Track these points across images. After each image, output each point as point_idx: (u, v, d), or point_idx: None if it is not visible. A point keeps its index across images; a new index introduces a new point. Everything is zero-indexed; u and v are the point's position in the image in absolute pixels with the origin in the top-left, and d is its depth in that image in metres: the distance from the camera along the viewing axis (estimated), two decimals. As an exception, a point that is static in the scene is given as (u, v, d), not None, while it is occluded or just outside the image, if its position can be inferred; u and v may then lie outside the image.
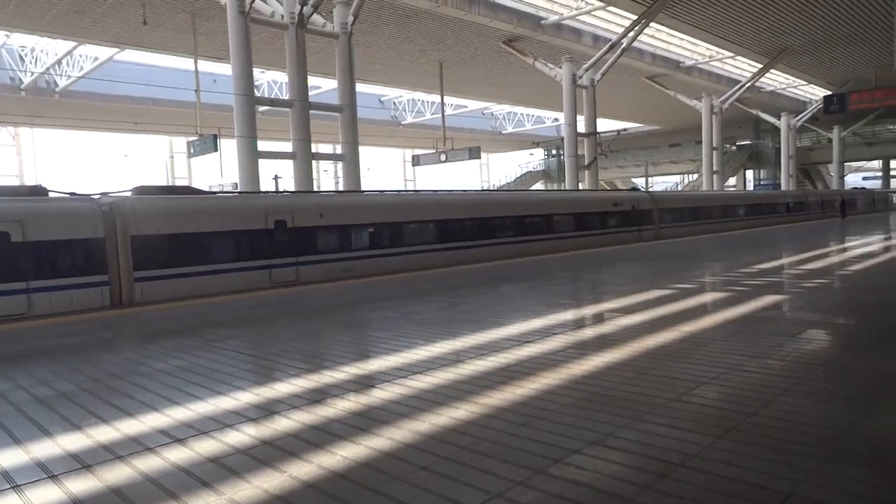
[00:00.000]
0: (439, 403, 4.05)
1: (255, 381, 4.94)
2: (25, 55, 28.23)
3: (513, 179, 59.32)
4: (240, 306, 9.64)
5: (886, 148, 51.53)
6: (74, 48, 26.69)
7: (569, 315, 7.30)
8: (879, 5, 22.39)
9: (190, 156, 22.01)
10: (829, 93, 33.78)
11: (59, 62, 28.01)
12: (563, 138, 28.51)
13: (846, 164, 52.14)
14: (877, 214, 40.17)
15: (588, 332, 6.22)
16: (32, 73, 28.17)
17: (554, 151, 55.16)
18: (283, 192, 12.98)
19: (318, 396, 4.34)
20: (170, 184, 43.86)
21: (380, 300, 9.35)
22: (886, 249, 14.48)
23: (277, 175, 37.69)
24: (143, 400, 4.44)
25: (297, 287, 11.88)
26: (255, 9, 17.09)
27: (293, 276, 12.57)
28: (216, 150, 20.21)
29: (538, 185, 58.38)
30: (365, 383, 4.62)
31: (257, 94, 21.06)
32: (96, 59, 28.04)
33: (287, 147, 18.75)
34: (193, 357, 5.78)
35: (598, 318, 6.98)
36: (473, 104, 44.01)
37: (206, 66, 27.52)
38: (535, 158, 59.31)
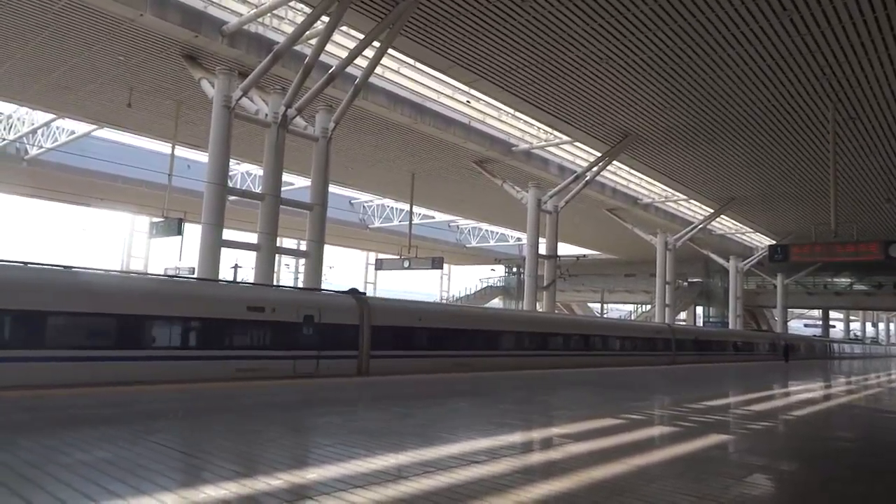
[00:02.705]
0: (377, 523, 3.83)
1: (182, 482, 4.61)
2: (1, 121, 28.24)
3: (472, 293, 59.99)
4: (180, 398, 9.17)
5: (825, 298, 54.40)
6: (53, 120, 26.88)
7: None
8: (817, 170, 24.57)
9: (151, 236, 21.74)
10: (774, 242, 36.04)
11: (34, 131, 28.07)
12: (524, 258, 29.27)
13: (789, 309, 54.57)
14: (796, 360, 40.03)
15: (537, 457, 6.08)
16: (4, 140, 28.04)
17: (514, 269, 56.43)
18: None
19: (248, 505, 4.06)
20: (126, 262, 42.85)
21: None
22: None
23: (238, 264, 37.32)
24: (58, 494, 4.07)
25: (240, 383, 11.41)
26: (241, 105, 17.70)
27: None
28: (180, 233, 20.03)
29: (496, 301, 59.06)
30: (301, 493, 4.36)
31: (230, 184, 21.29)
32: (73, 132, 28.19)
33: (252, 238, 18.73)
34: (119, 449, 5.39)
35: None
36: (441, 216, 45.24)
37: (181, 150, 27.92)
38: (495, 274, 60.44)
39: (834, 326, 76.81)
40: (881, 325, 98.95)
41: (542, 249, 28.35)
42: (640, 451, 6.59)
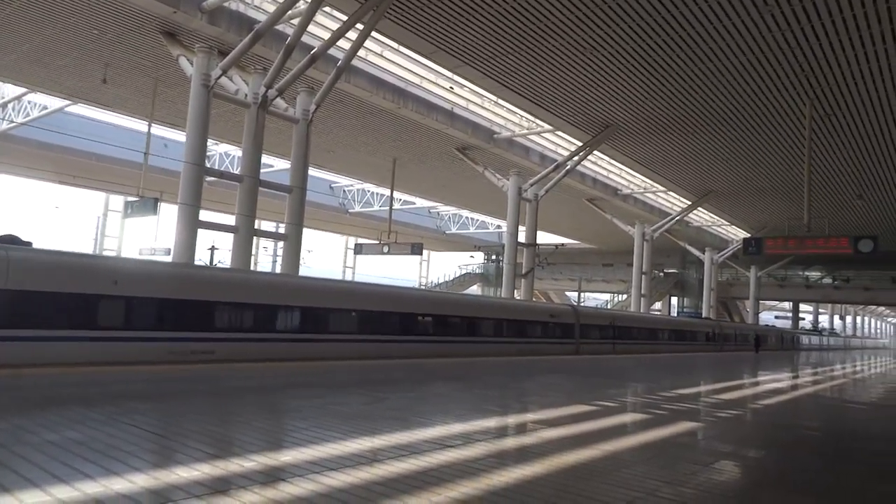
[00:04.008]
0: (351, 505, 3.86)
1: (154, 463, 4.58)
2: (-31, 94, 27.45)
3: (451, 279, 60.18)
4: (154, 378, 9.09)
5: (796, 291, 55.60)
6: (24, 94, 26.18)
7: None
8: (793, 165, 24.99)
9: (126, 216, 21.40)
10: (749, 235, 36.64)
11: (4, 105, 27.33)
12: (503, 245, 29.39)
13: (761, 301, 55.66)
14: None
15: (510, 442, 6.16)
16: (-27, 112, 27.29)
17: (494, 257, 56.66)
18: None
19: (221, 486, 4.06)
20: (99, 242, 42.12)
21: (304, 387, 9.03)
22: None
23: (215, 246, 36.91)
24: (25, 474, 4.03)
25: (220, 364, 11.35)
26: (220, 84, 17.41)
27: None
28: (155, 213, 19.75)
29: (475, 289, 59.33)
30: (275, 475, 4.37)
31: (208, 164, 20.98)
32: (45, 107, 27.50)
33: (230, 220, 18.53)
34: (91, 430, 5.34)
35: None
36: (421, 202, 45.18)
37: (158, 129, 27.44)
38: (475, 261, 60.65)
39: (804, 319, 78.63)
40: (848, 318, 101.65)
41: (522, 237, 28.48)
42: (612, 437, 6.71)
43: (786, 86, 17.43)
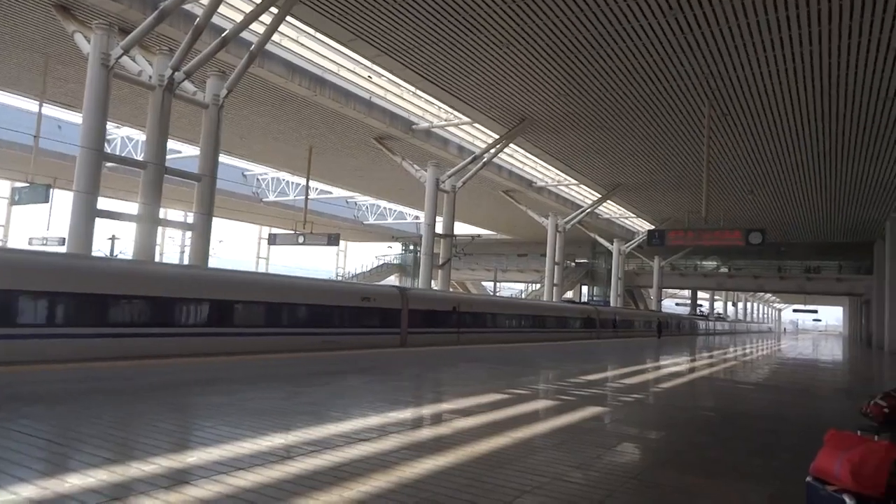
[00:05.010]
0: (260, 505, 3.78)
1: (43, 471, 4.28)
2: None
3: (368, 270, 59.85)
4: (51, 379, 8.46)
5: (695, 280, 59.44)
6: None
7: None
8: (693, 162, 26.55)
9: (13, 203, 19.72)
10: (653, 227, 38.69)
11: None
12: (421, 236, 29.50)
13: (664, 289, 59.02)
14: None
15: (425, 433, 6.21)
16: None
17: (411, 247, 56.80)
18: None
19: (119, 493, 3.85)
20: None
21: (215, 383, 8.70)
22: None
23: (115, 236, 34.79)
24: None
25: (124, 363, 10.73)
26: (121, 64, 16.34)
27: None
28: (47, 200, 18.33)
29: (393, 279, 59.29)
30: (178, 479, 4.20)
31: (108, 149, 19.68)
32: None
33: (132, 208, 17.50)
34: (-30, 438, 4.91)
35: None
36: (338, 191, 44.47)
37: (51, 109, 25.44)
38: (392, 251, 60.57)
39: (702, 305, 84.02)
40: (740, 305, 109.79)
41: (439, 228, 28.67)
42: (524, 424, 6.92)
43: (688, 86, 18.43)
